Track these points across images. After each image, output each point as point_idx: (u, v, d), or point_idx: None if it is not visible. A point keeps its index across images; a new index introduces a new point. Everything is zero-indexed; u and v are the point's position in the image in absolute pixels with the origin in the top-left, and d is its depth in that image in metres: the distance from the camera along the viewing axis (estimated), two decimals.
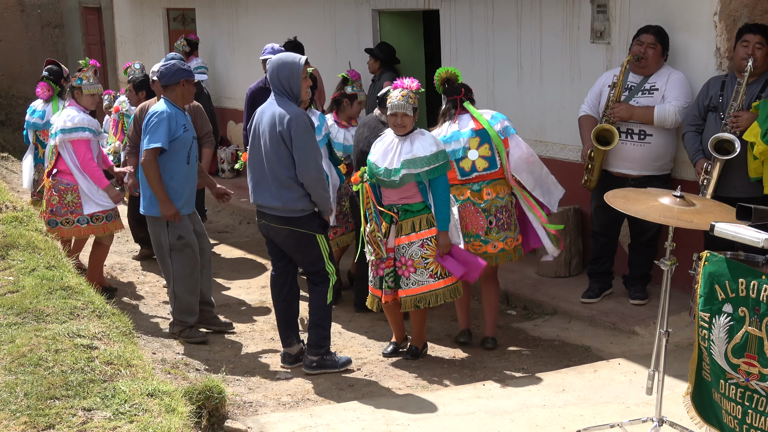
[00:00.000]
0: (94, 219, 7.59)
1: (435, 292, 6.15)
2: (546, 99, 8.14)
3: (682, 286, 6.36)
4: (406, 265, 6.14)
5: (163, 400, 4.28)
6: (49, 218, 7.53)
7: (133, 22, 15.21)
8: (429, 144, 6.03)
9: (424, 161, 5.98)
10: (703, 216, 4.40)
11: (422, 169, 5.98)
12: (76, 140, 7.45)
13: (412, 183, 6.06)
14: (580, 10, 7.71)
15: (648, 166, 6.86)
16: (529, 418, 5.18)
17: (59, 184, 7.52)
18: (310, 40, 10.32)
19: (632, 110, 6.75)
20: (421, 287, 6.14)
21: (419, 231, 6.10)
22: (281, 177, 5.93)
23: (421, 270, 6.12)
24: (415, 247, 6.11)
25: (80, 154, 7.46)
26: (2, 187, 7.55)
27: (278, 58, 6.04)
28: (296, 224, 6.02)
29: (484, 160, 6.36)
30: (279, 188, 5.95)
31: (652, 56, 6.77)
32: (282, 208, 5.98)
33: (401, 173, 6.00)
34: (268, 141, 5.93)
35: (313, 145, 5.99)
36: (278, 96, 6.00)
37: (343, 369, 6.22)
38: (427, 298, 6.16)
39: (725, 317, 3.92)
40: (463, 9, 8.80)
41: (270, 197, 6.01)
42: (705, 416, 4.22)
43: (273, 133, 5.91)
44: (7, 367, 4.49)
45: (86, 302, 5.40)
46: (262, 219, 6.17)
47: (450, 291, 6.19)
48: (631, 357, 6.15)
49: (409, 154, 6.00)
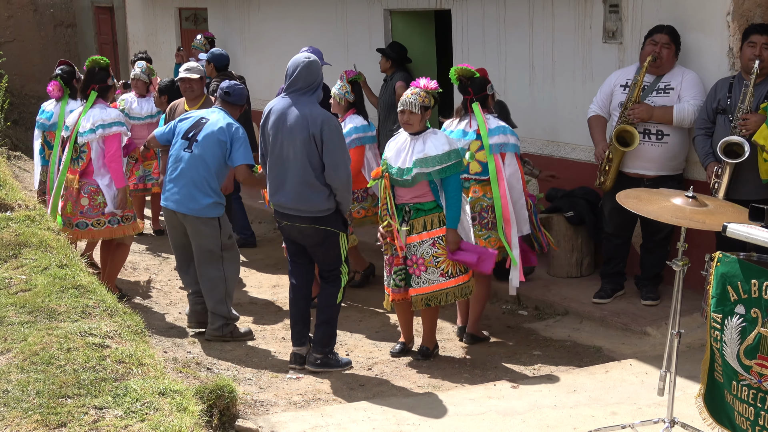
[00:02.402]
0: (124, 219, 7.59)
1: (446, 291, 6.16)
2: (558, 99, 8.12)
3: (694, 286, 6.34)
4: (417, 264, 6.14)
5: (174, 399, 4.29)
6: (78, 220, 7.46)
7: (145, 21, 15.25)
8: (441, 143, 6.03)
9: (436, 160, 5.98)
10: (715, 217, 4.38)
11: (434, 168, 5.99)
12: (111, 135, 7.42)
13: (424, 182, 6.06)
14: (592, 10, 7.69)
15: (664, 166, 6.85)
16: (540, 419, 5.17)
17: (89, 185, 7.45)
18: (322, 39, 10.33)
19: (651, 110, 6.73)
20: (431, 286, 6.14)
21: (431, 230, 6.10)
22: (309, 179, 5.92)
23: (432, 269, 6.12)
24: (426, 246, 6.11)
25: (111, 150, 7.42)
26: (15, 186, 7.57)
27: (301, 58, 6.04)
28: (322, 222, 6.04)
29: (478, 164, 6.44)
30: (307, 190, 5.94)
31: (667, 56, 6.75)
32: (308, 209, 5.98)
33: (413, 172, 6.01)
34: (298, 142, 5.90)
35: (344, 148, 6.03)
36: (302, 96, 5.97)
37: (346, 368, 6.25)
38: (438, 297, 6.17)
39: (738, 318, 3.91)
40: (475, 9, 8.79)
41: (295, 199, 5.98)
42: (717, 417, 4.21)
43: (304, 134, 5.88)
44: (20, 366, 4.50)
45: (98, 301, 5.41)
46: (285, 220, 6.13)
47: (461, 290, 6.19)
48: (642, 358, 6.14)
49: (421, 153, 6.01)
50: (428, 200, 6.12)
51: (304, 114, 5.90)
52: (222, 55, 9.60)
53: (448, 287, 6.15)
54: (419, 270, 6.15)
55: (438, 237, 6.10)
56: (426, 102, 6.07)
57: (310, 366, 6.22)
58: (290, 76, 6.01)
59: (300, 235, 6.15)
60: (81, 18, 18.17)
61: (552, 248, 7.13)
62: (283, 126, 5.96)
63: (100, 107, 7.44)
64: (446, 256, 6.10)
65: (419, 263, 6.14)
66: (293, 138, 5.91)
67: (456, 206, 6.07)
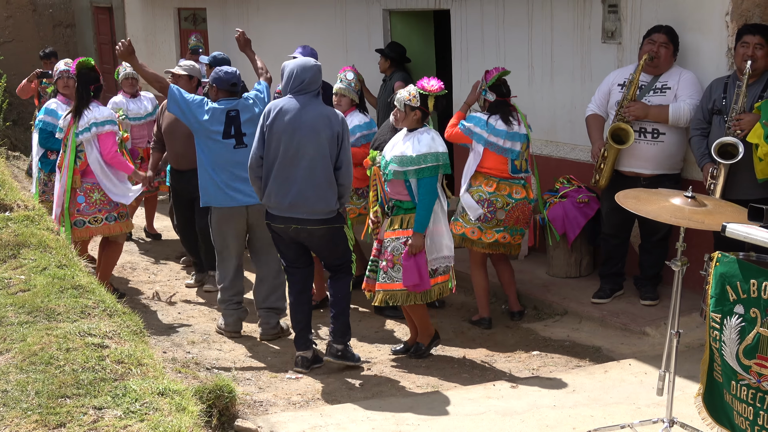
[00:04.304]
0: (120, 216, 7.62)
1: (405, 292, 6.12)
2: (557, 99, 8.13)
3: (693, 286, 6.34)
4: (387, 260, 6.14)
5: (173, 399, 4.29)
6: (76, 219, 7.50)
7: (144, 21, 15.24)
8: (422, 144, 6.02)
9: (410, 161, 5.99)
10: (714, 216, 4.38)
11: (406, 168, 5.99)
12: (104, 134, 7.45)
13: (401, 181, 6.06)
14: (591, 10, 7.69)
15: (661, 165, 6.85)
16: (539, 419, 5.17)
17: (84, 183, 7.50)
18: (321, 39, 10.33)
19: (647, 109, 6.73)
20: (393, 284, 6.13)
21: (406, 228, 6.09)
22: (328, 178, 5.96)
23: (398, 267, 6.10)
24: (398, 243, 6.10)
25: (106, 147, 7.45)
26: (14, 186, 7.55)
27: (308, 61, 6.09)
28: (332, 222, 6.07)
29: (525, 163, 6.93)
30: (326, 189, 5.97)
31: (665, 55, 6.75)
32: (323, 209, 5.99)
33: (389, 167, 6.06)
34: (323, 140, 5.93)
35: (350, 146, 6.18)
36: (314, 98, 6.02)
37: (358, 364, 6.26)
38: (397, 296, 6.15)
39: (737, 318, 3.91)
40: (474, 9, 8.79)
41: (312, 200, 5.96)
42: (716, 417, 4.21)
43: (327, 133, 5.93)
44: (19, 366, 4.50)
45: (97, 301, 5.41)
46: (293, 224, 6.04)
47: (421, 294, 6.15)
48: (641, 358, 6.14)
49: (400, 151, 6.03)
50: (406, 199, 6.12)
51: (326, 113, 5.97)
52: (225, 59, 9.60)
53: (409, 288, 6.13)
54: (387, 266, 6.14)
55: (409, 237, 6.08)
56: (413, 102, 6.06)
57: (331, 357, 6.20)
58: (299, 78, 6.01)
59: (309, 237, 6.11)
60: (80, 18, 18.17)
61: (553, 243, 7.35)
62: (300, 125, 5.94)
63: (93, 106, 7.48)
64: None
65: (388, 259, 6.13)
66: (315, 136, 5.92)
67: (425, 210, 6.00)
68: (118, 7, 16.34)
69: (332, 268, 6.27)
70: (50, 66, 11.04)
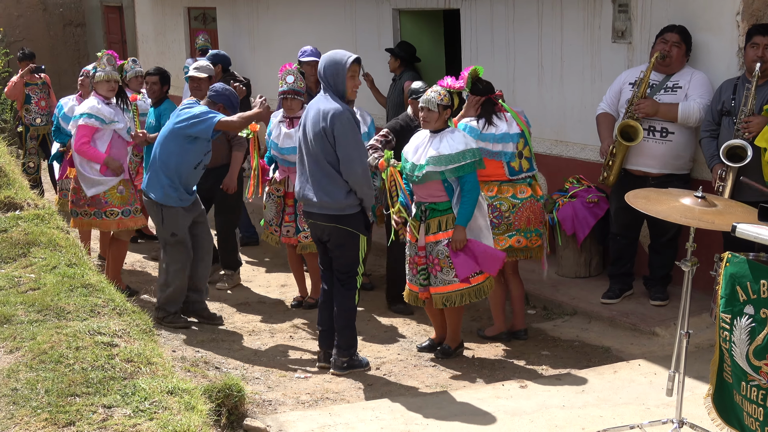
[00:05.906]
0: (108, 214, 7.65)
1: (460, 292, 6.14)
2: (567, 99, 8.11)
3: (703, 287, 6.32)
4: (433, 264, 6.14)
5: (182, 398, 4.29)
6: (72, 208, 7.82)
7: (154, 20, 15.27)
8: (457, 142, 6.01)
9: (449, 159, 5.96)
10: (724, 217, 4.37)
11: (447, 167, 5.97)
12: (81, 125, 7.55)
13: (438, 182, 6.04)
14: (601, 10, 7.67)
15: (669, 165, 6.83)
16: (548, 419, 5.17)
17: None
18: (331, 39, 10.32)
19: (657, 106, 6.71)
20: (446, 286, 6.14)
21: (446, 230, 6.08)
22: (329, 173, 5.95)
23: (447, 269, 6.10)
24: (441, 246, 6.09)
25: (77, 138, 7.57)
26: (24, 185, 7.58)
27: (327, 55, 6.09)
28: (344, 222, 6.03)
29: (527, 162, 6.63)
30: (329, 184, 5.96)
31: (677, 55, 6.73)
32: (330, 204, 5.98)
33: (425, 170, 6.00)
34: (312, 138, 5.95)
35: (357, 141, 5.99)
36: (324, 93, 6.03)
37: (367, 368, 6.25)
38: (453, 298, 6.15)
39: (747, 319, 3.90)
40: (483, 8, 8.78)
41: (317, 192, 6.00)
42: (726, 418, 4.20)
43: (317, 129, 5.93)
44: (29, 364, 4.51)
45: (107, 300, 5.42)
46: (309, 218, 6.19)
47: (475, 291, 6.17)
48: (651, 358, 6.13)
49: (436, 151, 6.00)
50: (442, 200, 6.10)
51: (320, 109, 5.97)
52: (227, 57, 9.75)
53: (463, 288, 6.13)
54: (435, 270, 6.14)
55: (449, 238, 6.07)
56: (445, 101, 6.05)
57: (337, 371, 6.18)
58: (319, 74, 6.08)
59: (322, 234, 6.15)
60: (90, 17, 18.21)
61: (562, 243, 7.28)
62: (306, 122, 6.06)
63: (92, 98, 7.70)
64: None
65: (435, 263, 6.14)
66: (310, 133, 5.97)
67: (469, 204, 6.02)
68: (128, 7, 16.38)
69: (338, 277, 6.21)
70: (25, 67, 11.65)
